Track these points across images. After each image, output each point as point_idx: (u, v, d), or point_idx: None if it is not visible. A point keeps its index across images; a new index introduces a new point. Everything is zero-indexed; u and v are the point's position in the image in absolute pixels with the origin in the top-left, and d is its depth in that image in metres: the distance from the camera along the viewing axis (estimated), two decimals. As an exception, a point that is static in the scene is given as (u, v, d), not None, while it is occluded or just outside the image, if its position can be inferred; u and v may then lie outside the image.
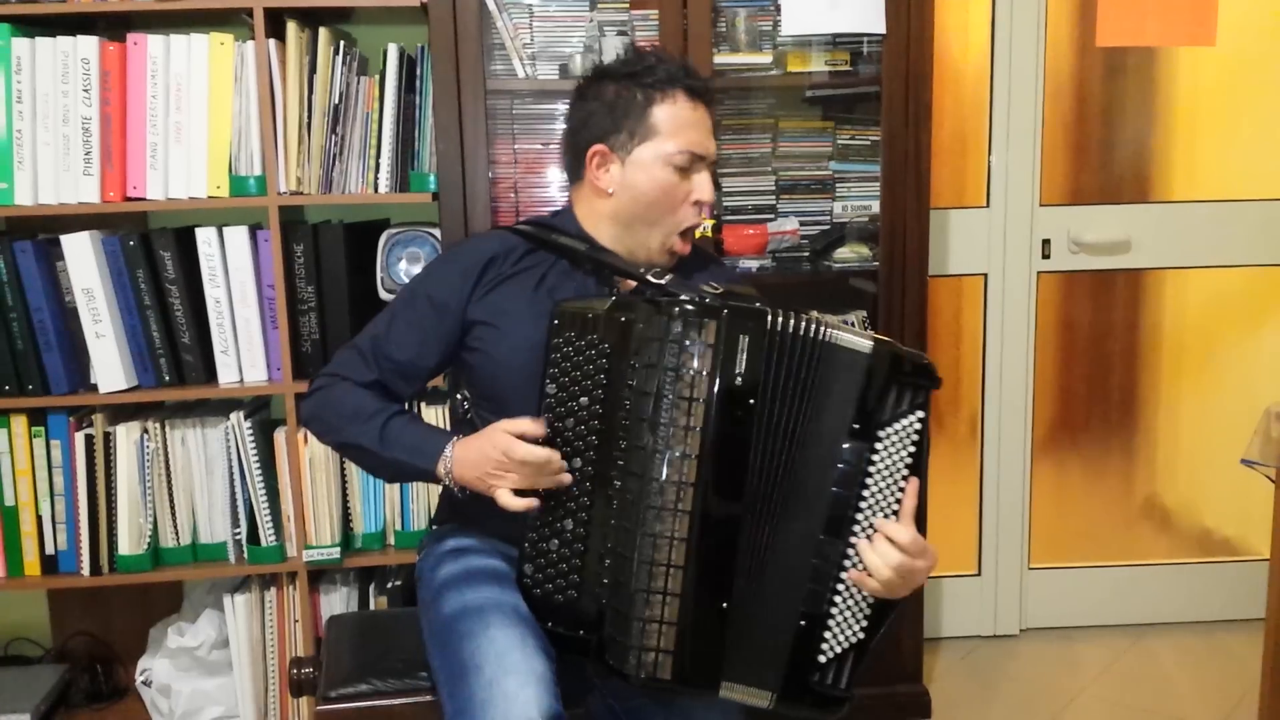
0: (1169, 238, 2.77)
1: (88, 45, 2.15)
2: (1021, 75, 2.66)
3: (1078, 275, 2.79)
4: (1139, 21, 2.61)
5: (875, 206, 2.35)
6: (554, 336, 1.42)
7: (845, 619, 1.38)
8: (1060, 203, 2.75)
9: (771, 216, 2.41)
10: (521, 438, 1.41)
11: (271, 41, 2.16)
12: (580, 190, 1.66)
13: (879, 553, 1.36)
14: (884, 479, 1.37)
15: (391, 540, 2.35)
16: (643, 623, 1.34)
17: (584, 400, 1.39)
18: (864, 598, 1.39)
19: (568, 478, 1.40)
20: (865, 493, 1.37)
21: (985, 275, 2.75)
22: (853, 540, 1.37)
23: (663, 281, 1.50)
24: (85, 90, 2.15)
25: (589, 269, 1.61)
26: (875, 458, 1.37)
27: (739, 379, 1.33)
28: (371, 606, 2.38)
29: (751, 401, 1.33)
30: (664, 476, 1.33)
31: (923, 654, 2.49)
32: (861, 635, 1.39)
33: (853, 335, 1.38)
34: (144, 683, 2.40)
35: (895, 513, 1.38)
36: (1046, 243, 2.75)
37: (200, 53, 2.17)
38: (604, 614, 1.38)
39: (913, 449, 1.38)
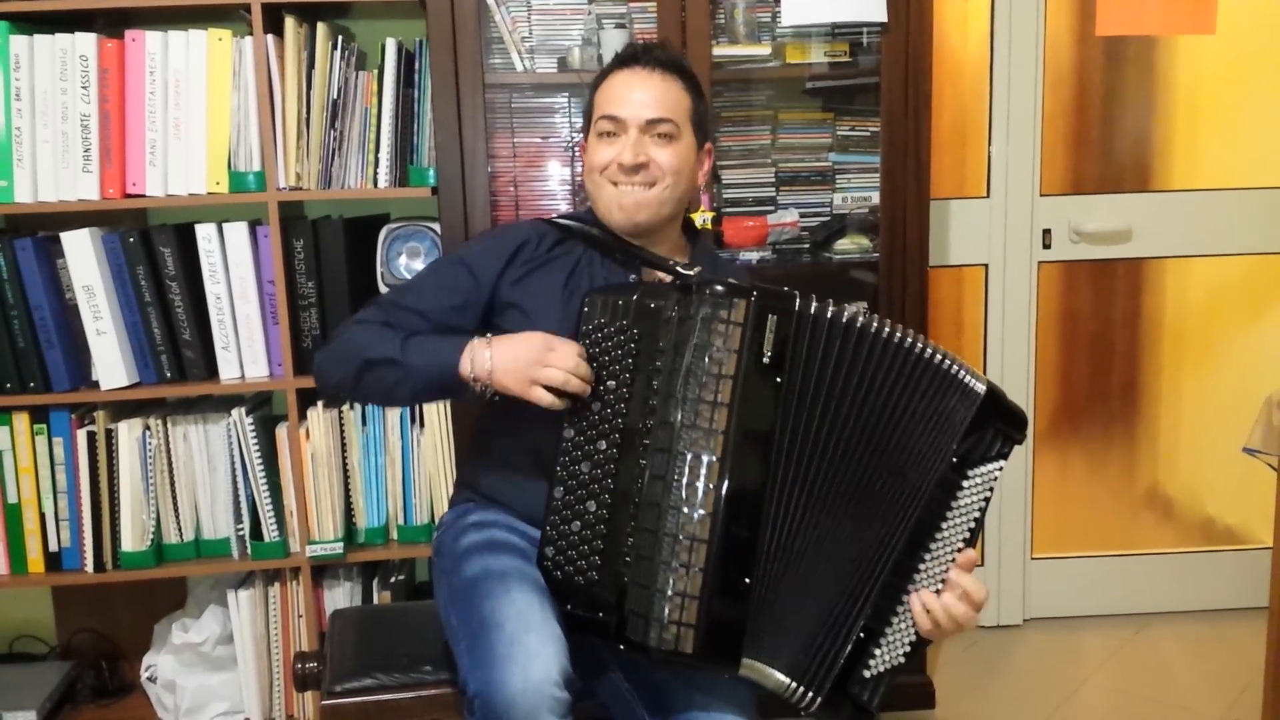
0: (1170, 227, 2.77)
1: (86, 42, 2.14)
2: (1021, 65, 2.65)
3: (1078, 265, 2.79)
4: (1139, 10, 2.61)
5: (875, 197, 2.34)
6: (584, 323, 1.46)
7: (896, 640, 1.40)
8: (1061, 192, 2.75)
9: (771, 208, 2.40)
10: None
11: (270, 37, 2.16)
12: None
13: (950, 604, 1.40)
14: (960, 516, 1.40)
15: (394, 535, 2.36)
16: (665, 595, 1.35)
17: (611, 384, 1.42)
18: (914, 626, 1.41)
19: (587, 385, 1.44)
20: (944, 524, 1.40)
21: (986, 266, 2.75)
22: (920, 567, 1.40)
23: (692, 273, 1.52)
24: (84, 87, 2.15)
25: (619, 259, 1.65)
26: (960, 494, 1.40)
27: (767, 357, 1.36)
28: (375, 601, 2.38)
29: (779, 380, 1.36)
30: (691, 452, 1.35)
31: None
32: (902, 660, 1.41)
33: (962, 368, 1.42)
34: (149, 679, 2.41)
35: (959, 551, 1.41)
36: (1047, 232, 2.75)
37: (198, 49, 2.17)
38: (624, 594, 1.39)
39: (988, 494, 1.42)
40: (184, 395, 2.32)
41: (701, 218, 2.20)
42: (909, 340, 1.41)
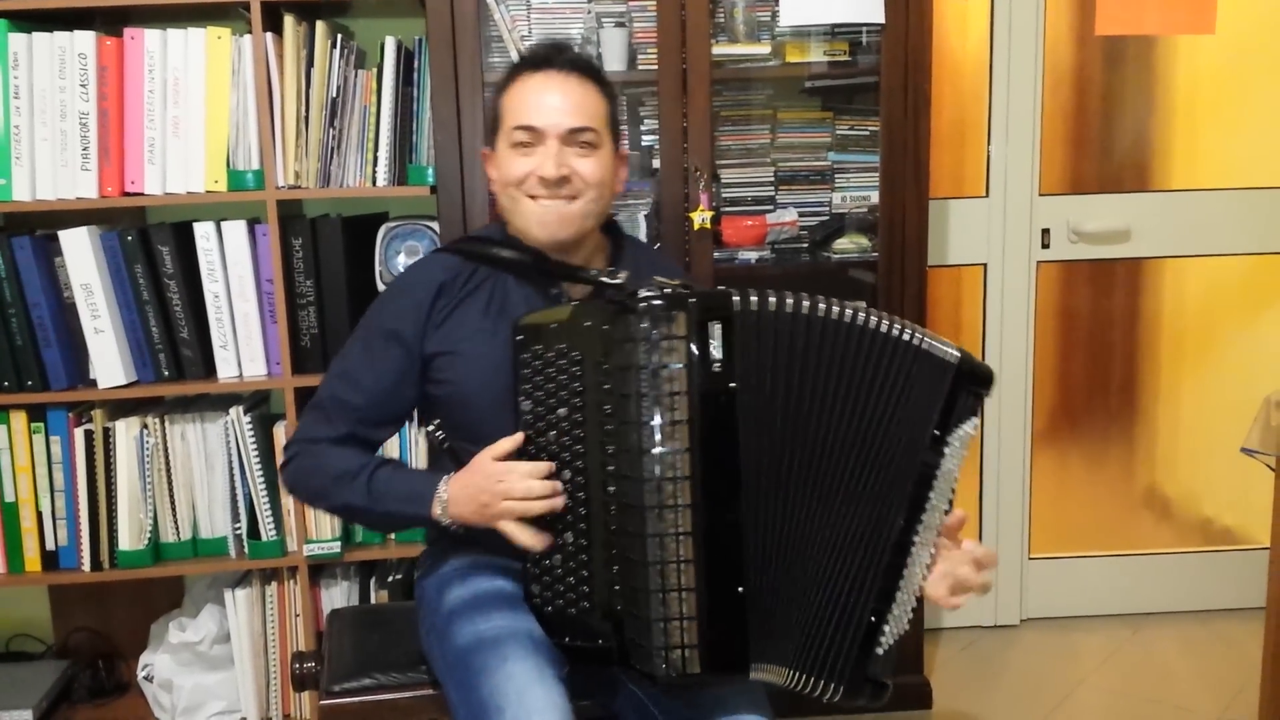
0: (1169, 227, 2.77)
1: (85, 40, 2.14)
2: (1021, 64, 2.65)
3: (1077, 265, 2.79)
4: (1138, 10, 2.61)
5: (874, 197, 2.34)
6: (520, 352, 1.40)
7: (901, 613, 1.39)
8: (1060, 192, 2.75)
9: (770, 208, 2.40)
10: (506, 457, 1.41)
11: (269, 35, 2.15)
12: None
13: (963, 573, 1.40)
14: (944, 482, 1.39)
15: (391, 534, 2.35)
16: (663, 623, 1.33)
17: (562, 411, 1.37)
18: (916, 595, 1.40)
19: (561, 497, 1.39)
20: (931, 494, 1.38)
21: (985, 265, 2.75)
22: (915, 540, 1.38)
23: (619, 280, 1.49)
24: (82, 85, 2.15)
25: (538, 278, 1.58)
26: (943, 462, 1.39)
27: (717, 365, 1.32)
28: (372, 600, 2.38)
29: (733, 385, 1.33)
30: (658, 474, 1.32)
31: (923, 644, 2.50)
32: (908, 627, 1.40)
33: (928, 339, 1.39)
34: (146, 678, 2.40)
35: (946, 514, 1.40)
36: (1046, 232, 2.75)
37: (197, 47, 2.16)
38: (621, 621, 1.37)
39: (965, 453, 1.41)
40: (182, 394, 2.32)
41: (700, 217, 2.19)
42: (868, 320, 1.37)
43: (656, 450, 1.32)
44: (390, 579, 2.38)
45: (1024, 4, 2.62)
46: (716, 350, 1.32)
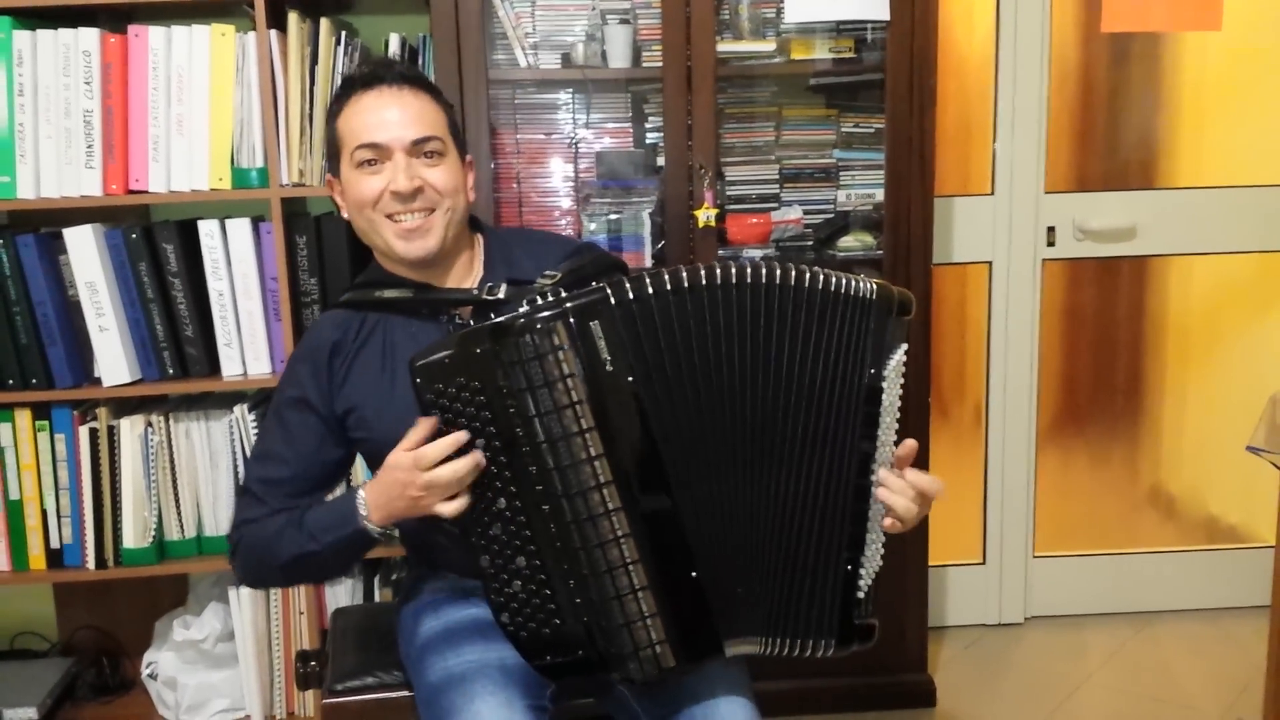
0: (1175, 224, 2.76)
1: (89, 37, 2.14)
2: (1026, 62, 2.64)
3: (1083, 262, 2.79)
4: (1144, 7, 2.60)
5: (879, 194, 2.34)
6: (422, 394, 1.35)
7: (873, 554, 1.39)
8: (1065, 190, 2.74)
9: (775, 205, 2.40)
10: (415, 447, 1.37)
11: (273, 32, 2.15)
12: None
13: (905, 498, 1.37)
14: (889, 416, 1.37)
15: (395, 533, 2.34)
16: (627, 627, 1.34)
17: (479, 443, 1.34)
18: (881, 527, 1.39)
19: (480, 456, 1.35)
20: (879, 432, 1.36)
21: (990, 263, 2.74)
22: (872, 480, 1.37)
23: (499, 296, 1.47)
24: (87, 83, 2.14)
25: (424, 312, 1.56)
26: (884, 396, 1.36)
27: (609, 365, 1.30)
28: (376, 598, 2.38)
29: (631, 380, 1.31)
30: (582, 486, 1.31)
31: (927, 643, 2.50)
32: (880, 563, 1.40)
33: (839, 279, 1.35)
34: (150, 676, 2.41)
35: (895, 444, 1.39)
36: (1051, 230, 2.74)
37: (201, 44, 2.16)
38: (591, 632, 1.37)
39: (903, 380, 1.39)
40: (186, 392, 2.32)
41: (705, 215, 2.19)
42: (765, 276, 1.33)
43: (573, 463, 1.31)
44: (394, 577, 2.38)
45: (1029, 1, 2.61)
46: (604, 350, 1.30)
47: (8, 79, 2.13)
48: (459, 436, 1.33)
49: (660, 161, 2.30)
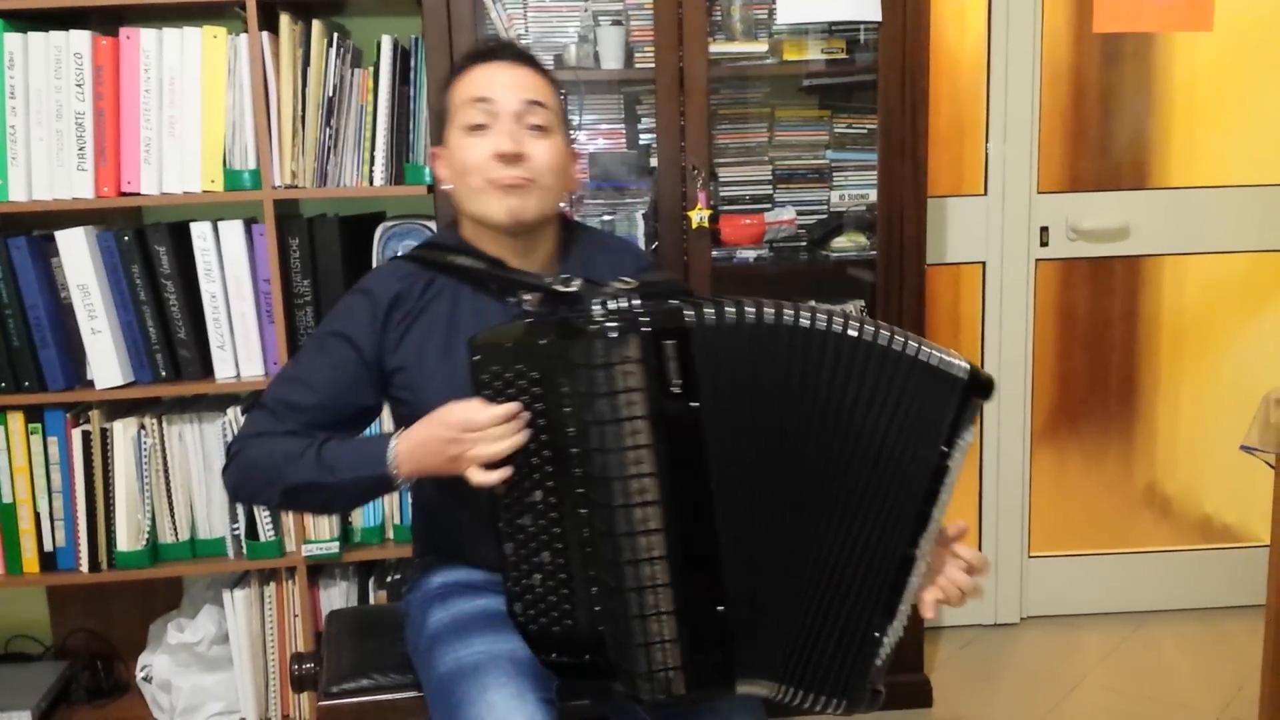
0: (1167, 224, 2.77)
1: (80, 40, 2.13)
2: (1019, 62, 2.65)
3: (1076, 263, 2.79)
4: (1136, 7, 2.60)
5: (873, 195, 2.34)
6: (478, 373, 1.35)
7: (899, 624, 1.37)
8: (1058, 190, 2.74)
9: (768, 206, 2.40)
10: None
11: (264, 34, 2.15)
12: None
13: (961, 579, 1.38)
14: (946, 492, 1.34)
15: (390, 534, 2.35)
16: (644, 648, 1.32)
17: (528, 431, 1.34)
18: (912, 600, 1.36)
19: (524, 435, 1.33)
20: (934, 508, 1.33)
21: (983, 263, 2.75)
22: (918, 553, 1.34)
23: (573, 288, 1.43)
24: (78, 85, 2.14)
25: (494, 288, 1.54)
26: (948, 475, 1.33)
27: (676, 386, 1.28)
28: (371, 601, 2.38)
29: (695, 405, 1.29)
30: (627, 500, 1.30)
31: (923, 643, 2.50)
32: (901, 634, 1.37)
33: (936, 352, 1.31)
34: (144, 679, 2.40)
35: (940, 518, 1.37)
36: (1045, 230, 2.74)
37: (193, 46, 2.16)
38: (603, 641, 1.36)
39: (963, 459, 1.35)
40: (179, 394, 2.32)
41: (698, 216, 2.19)
42: (856, 329, 1.30)
43: (622, 476, 1.29)
44: (389, 579, 2.37)
45: (1022, 1, 2.62)
46: (674, 371, 1.29)
47: (-1, 81, 2.13)
48: (511, 408, 1.32)
49: (653, 163, 2.30)
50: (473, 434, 1.33)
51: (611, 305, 1.30)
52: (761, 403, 1.31)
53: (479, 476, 1.34)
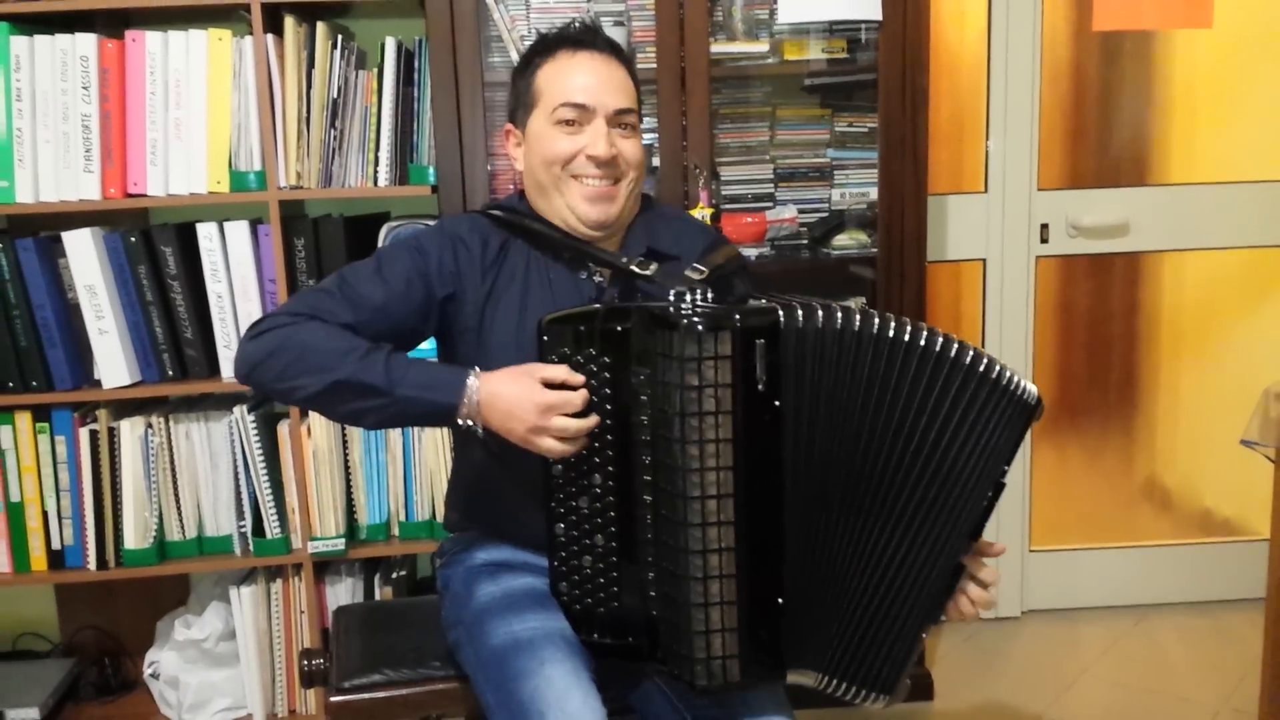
0: (1167, 220, 2.78)
1: (86, 43, 2.15)
2: (1018, 60, 2.66)
3: (1076, 259, 2.80)
4: (1136, 5, 2.61)
5: (873, 193, 2.35)
6: (547, 353, 1.36)
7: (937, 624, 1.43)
8: (1058, 187, 2.76)
9: (770, 205, 2.41)
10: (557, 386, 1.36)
11: (269, 36, 2.16)
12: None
13: (978, 596, 1.43)
14: (995, 508, 1.39)
15: (396, 531, 2.37)
16: (704, 635, 1.34)
17: (594, 416, 1.36)
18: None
19: (596, 419, 1.35)
20: (985, 523, 1.38)
21: (984, 260, 2.76)
22: (965, 563, 1.40)
23: (648, 272, 1.45)
24: (84, 88, 2.16)
25: (567, 258, 1.55)
26: (1001, 493, 1.38)
27: (761, 384, 1.31)
28: (377, 597, 2.39)
29: (777, 404, 1.32)
30: (701, 492, 1.31)
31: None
32: (927, 634, 1.44)
33: (1008, 374, 1.36)
34: (152, 675, 2.42)
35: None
36: (1045, 227, 2.75)
37: (198, 49, 2.17)
38: (656, 625, 1.38)
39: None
40: (186, 393, 2.33)
41: (700, 214, 2.20)
42: (935, 343, 1.34)
43: (700, 468, 1.31)
44: (395, 575, 2.39)
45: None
46: (761, 370, 1.31)
47: (5, 84, 2.14)
48: (586, 396, 1.34)
49: (655, 162, 2.31)
50: (552, 412, 1.34)
51: (699, 298, 1.32)
52: (841, 407, 1.35)
53: (556, 448, 1.35)
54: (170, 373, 2.26)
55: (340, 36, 2.22)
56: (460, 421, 1.39)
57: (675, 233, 1.63)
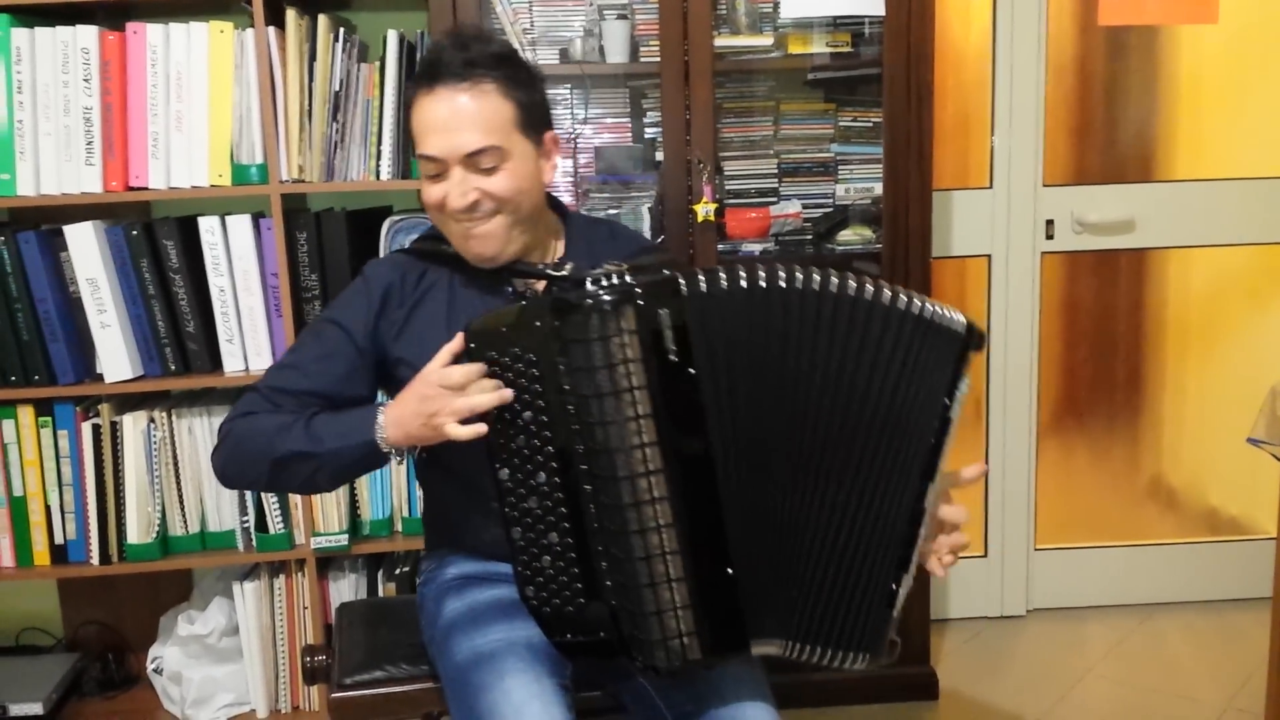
0: (1173, 217, 2.77)
1: (87, 35, 2.14)
2: (1024, 55, 2.65)
3: (1081, 255, 2.79)
4: (1140, 0, 2.60)
5: (878, 188, 2.34)
6: (474, 359, 1.36)
7: (910, 575, 1.37)
8: (1063, 183, 2.74)
9: (774, 200, 2.40)
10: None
11: (271, 29, 2.16)
12: None
13: (954, 541, 1.39)
14: (948, 442, 1.35)
15: (399, 526, 2.36)
16: (658, 615, 1.33)
17: (528, 415, 1.34)
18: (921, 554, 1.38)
19: (508, 392, 1.34)
20: (941, 461, 1.34)
21: (989, 256, 2.75)
22: (926, 506, 1.35)
23: (564, 273, 1.45)
24: (86, 80, 2.15)
25: (485, 278, 1.55)
26: (950, 425, 1.33)
27: (673, 354, 1.30)
28: (380, 593, 2.39)
29: (692, 372, 1.31)
30: (630, 471, 1.31)
31: (929, 635, 2.50)
32: (912, 584, 1.38)
33: (933, 307, 1.32)
34: (155, 671, 2.42)
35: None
36: (1050, 223, 2.74)
37: (200, 41, 2.17)
38: (617, 614, 1.37)
39: (959, 410, 1.36)
40: (188, 388, 2.32)
41: (704, 209, 2.20)
42: (854, 289, 1.30)
43: (625, 447, 1.30)
44: (398, 571, 2.38)
45: (1027, -6, 2.62)
46: (670, 339, 1.30)
47: (7, 77, 2.14)
48: (479, 367, 1.34)
49: (659, 156, 2.31)
50: (449, 390, 1.34)
51: (605, 281, 1.31)
52: (762, 367, 1.32)
53: (456, 431, 1.34)
54: (172, 367, 2.26)
55: (342, 29, 2.22)
56: (385, 451, 1.43)
57: (615, 245, 1.62)
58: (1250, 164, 2.77)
